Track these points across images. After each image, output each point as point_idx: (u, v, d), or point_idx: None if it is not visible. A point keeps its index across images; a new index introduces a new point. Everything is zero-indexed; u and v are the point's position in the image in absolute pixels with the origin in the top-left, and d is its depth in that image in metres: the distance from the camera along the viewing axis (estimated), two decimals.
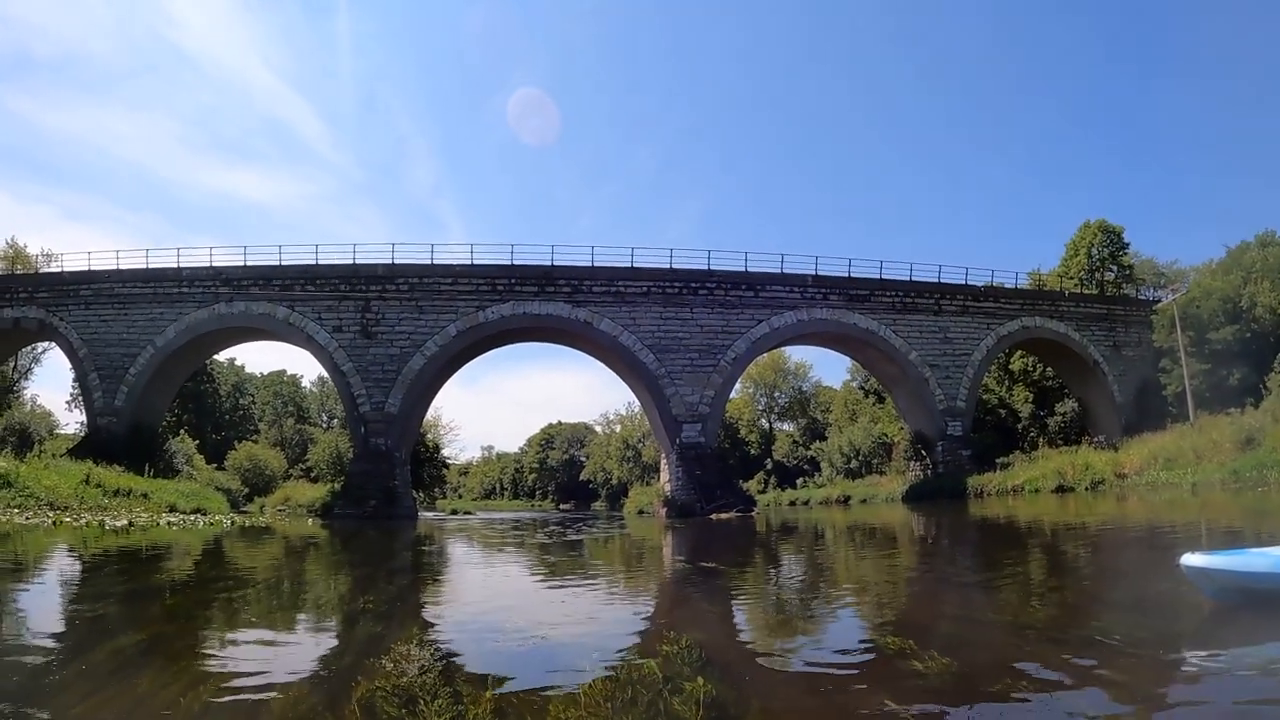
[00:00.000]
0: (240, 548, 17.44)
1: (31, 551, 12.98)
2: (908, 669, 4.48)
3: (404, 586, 10.11)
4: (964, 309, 45.04)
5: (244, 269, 40.34)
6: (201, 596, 8.52)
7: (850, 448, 52.10)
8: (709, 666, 4.52)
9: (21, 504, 22.29)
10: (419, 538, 23.46)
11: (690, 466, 38.78)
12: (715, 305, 40.83)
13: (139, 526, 20.99)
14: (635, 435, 76.59)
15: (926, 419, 44.37)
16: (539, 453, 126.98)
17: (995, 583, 9.09)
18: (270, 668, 4.87)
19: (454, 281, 39.44)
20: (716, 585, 10.07)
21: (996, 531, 18.04)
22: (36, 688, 4.11)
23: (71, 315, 41.58)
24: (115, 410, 40.14)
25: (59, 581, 9.83)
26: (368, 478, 37.32)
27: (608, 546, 18.86)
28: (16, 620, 6.84)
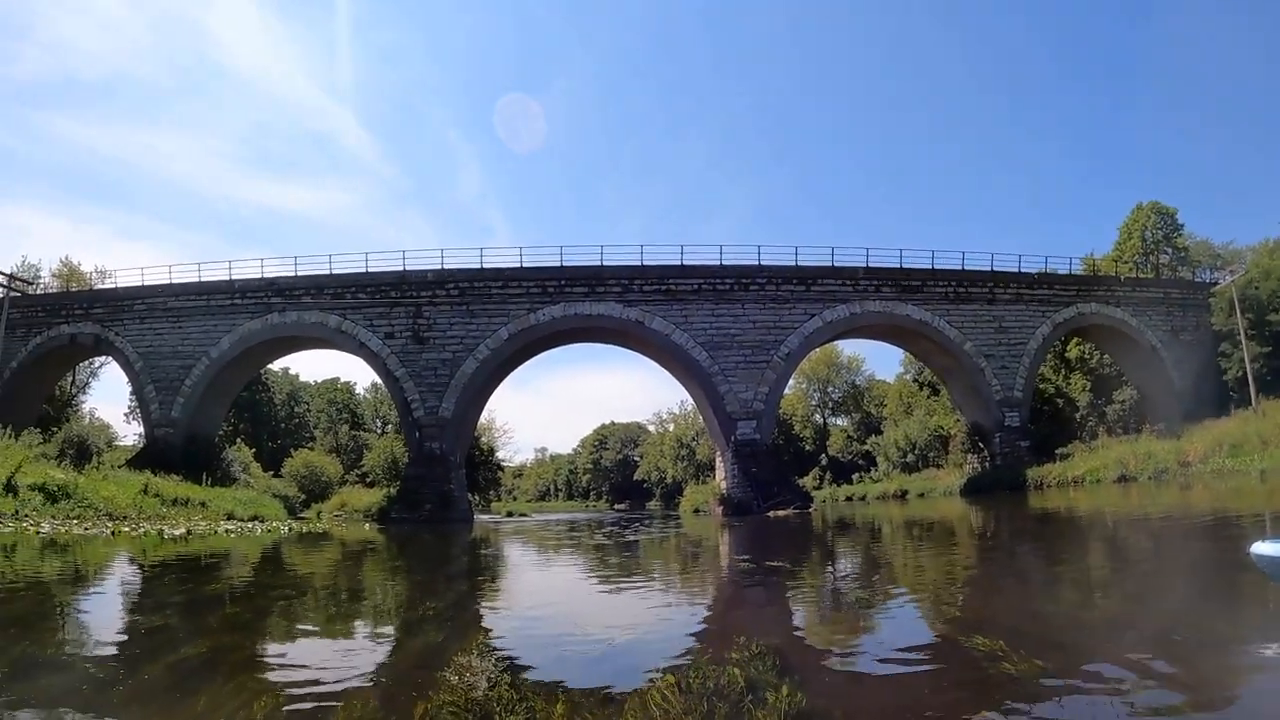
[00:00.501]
0: (298, 554, 17.18)
1: (91, 561, 12.68)
2: (997, 673, 4.17)
3: (463, 591, 9.72)
4: (1018, 297, 43.65)
5: (295, 279, 40.37)
6: (260, 605, 8.29)
7: (906, 441, 50.77)
8: (787, 672, 4.23)
9: (80, 515, 22.03)
10: (476, 541, 23.08)
11: (746, 464, 37.93)
12: (767, 300, 39.98)
13: (197, 535, 20.83)
14: (689, 434, 75.41)
15: (983, 410, 43.05)
16: (592, 453, 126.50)
17: (1060, 576, 8.69)
18: (331, 678, 4.61)
19: (504, 285, 39.07)
20: (782, 584, 9.60)
21: (1059, 524, 17.30)
22: (102, 700, 3.90)
23: (127, 330, 42.00)
24: (172, 421, 40.34)
25: (119, 591, 9.65)
26: (423, 482, 37.05)
27: (666, 546, 18.33)
28: (79, 630, 6.64)
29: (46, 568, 11.44)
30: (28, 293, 45.97)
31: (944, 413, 51.95)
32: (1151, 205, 53.52)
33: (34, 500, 21.50)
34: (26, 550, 13.44)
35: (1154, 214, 53.08)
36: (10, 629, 6.22)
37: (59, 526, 19.25)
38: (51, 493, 22.53)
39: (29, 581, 9.70)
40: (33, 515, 20.16)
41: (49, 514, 20.98)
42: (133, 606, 8.14)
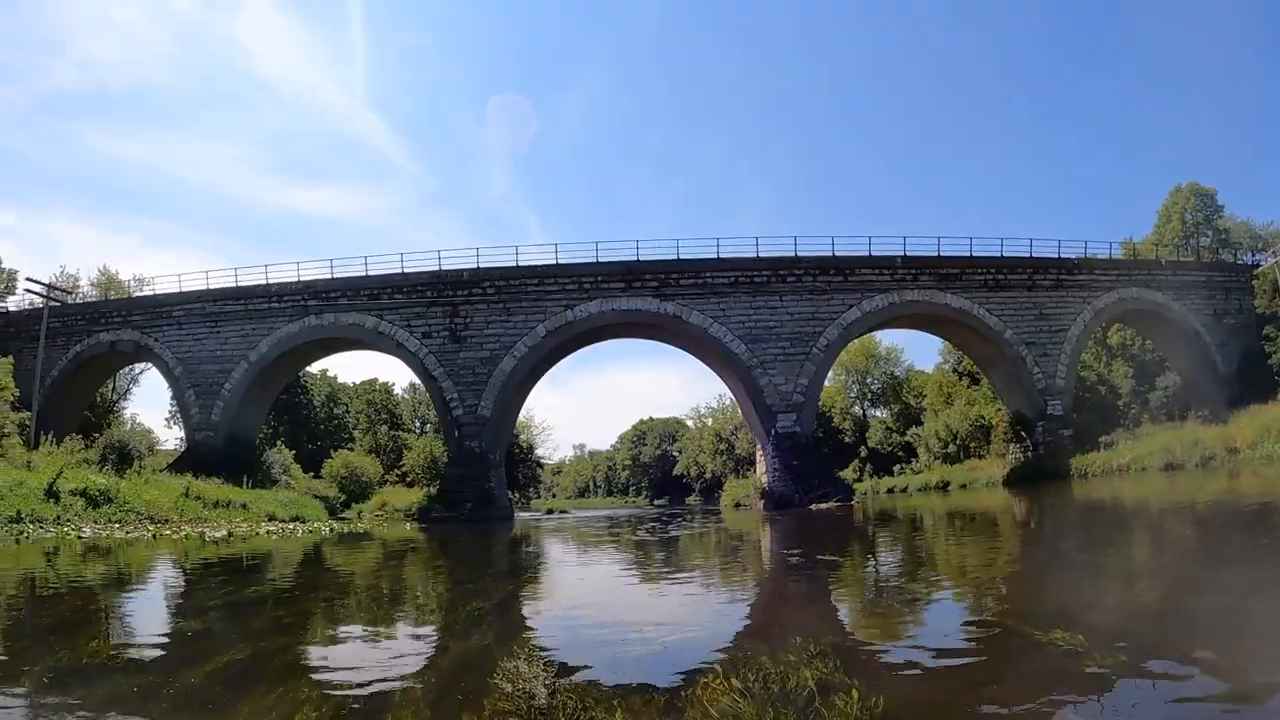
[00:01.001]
0: (340, 554, 17.01)
1: (133, 565, 12.58)
2: (1075, 669, 3.89)
3: (508, 591, 9.36)
4: (1058, 283, 42.35)
5: (331, 281, 40.28)
6: (303, 607, 8.02)
7: (947, 432, 49.59)
8: (854, 672, 3.94)
9: (122, 519, 22.04)
10: (517, 538, 22.81)
11: (787, 457, 37.15)
12: (804, 292, 39.13)
13: (238, 536, 20.80)
14: (727, 428, 74.33)
15: (1024, 399, 41.93)
16: (631, 449, 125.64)
17: (1110, 566, 8.26)
18: (377, 684, 4.38)
19: (540, 282, 38.62)
20: (834, 578, 9.27)
21: (1105, 513, 16.68)
22: (147, 706, 3.79)
23: (166, 335, 42.06)
24: (212, 425, 40.36)
25: (161, 594, 9.51)
26: (463, 480, 36.79)
27: (709, 542, 17.90)
28: (123, 634, 6.47)
29: (89, 571, 11.21)
30: (67, 302, 45.92)
31: (985, 402, 50.82)
32: (1190, 187, 51.78)
33: (75, 505, 21.43)
34: (69, 555, 13.27)
35: (1193, 195, 51.35)
36: (53, 634, 6.06)
37: (100, 531, 19.25)
38: (93, 498, 22.40)
39: (71, 586, 9.52)
40: (74, 520, 20.09)
41: (90, 519, 20.93)
42: (175, 610, 7.98)
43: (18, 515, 18.53)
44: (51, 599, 8.21)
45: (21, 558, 12.80)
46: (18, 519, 18.38)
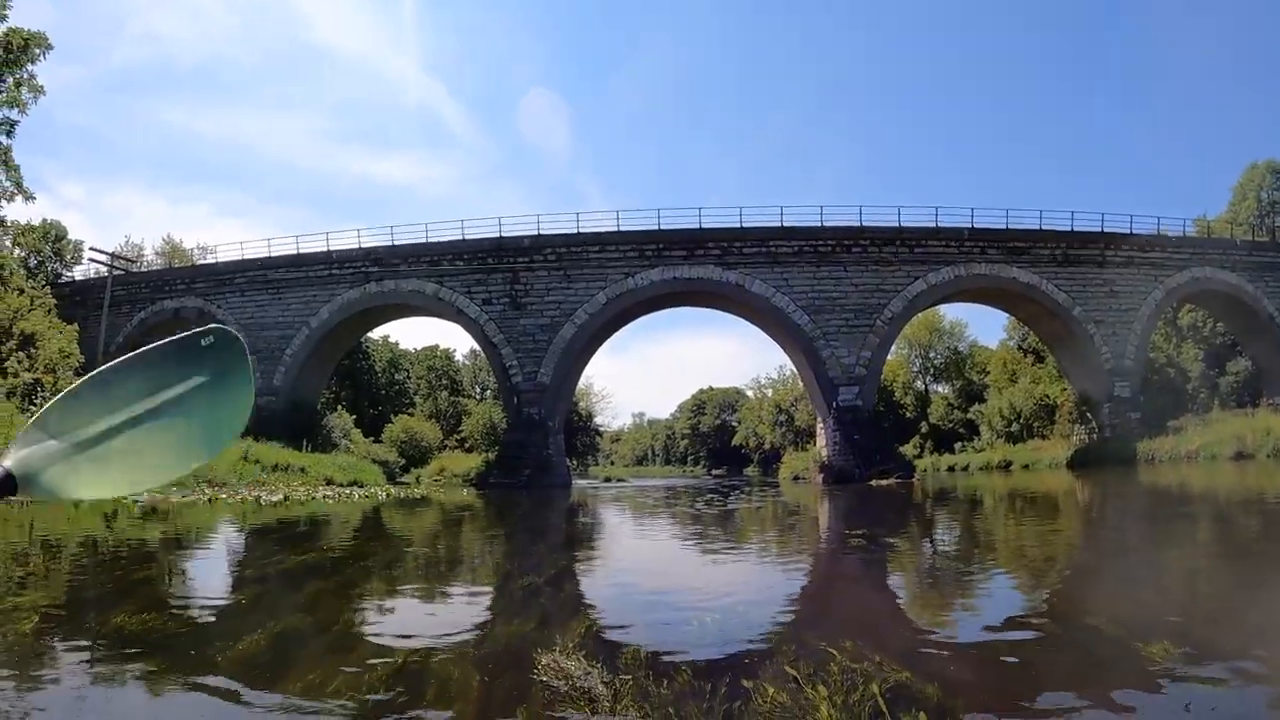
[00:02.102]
0: (398, 518, 16.46)
1: (191, 528, 12.09)
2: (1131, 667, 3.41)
3: (565, 561, 8.71)
4: (1129, 260, 39.82)
5: (392, 248, 39.70)
6: (359, 574, 7.53)
7: (1010, 410, 47.07)
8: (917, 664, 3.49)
9: (181, 482, 20.80)
10: (575, 506, 22.08)
11: (848, 431, 35.76)
12: (869, 262, 37.46)
13: (295, 500, 20.28)
14: (787, 399, 72.01)
15: (1092, 379, 39.77)
16: (690, 419, 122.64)
17: (1175, 558, 7.61)
18: (431, 656, 3.89)
19: (601, 249, 37.48)
20: (899, 561, 8.46)
21: (1172, 501, 15.36)
22: (205, 671, 3.50)
23: (228, 302, 41.87)
24: (274, 390, 39.93)
25: (218, 558, 9.07)
26: (521, 447, 36.06)
27: (773, 516, 16.76)
28: (179, 599, 5.94)
29: (147, 535, 10.80)
30: (131, 270, 46.29)
31: (1050, 381, 48.62)
32: (1267, 164, 48.58)
33: None
34: (126, 518, 12.84)
35: (1269, 173, 48.13)
36: (112, 596, 5.78)
37: (158, 494, 18.31)
38: None
39: (130, 549, 9.13)
40: None
41: None
42: (232, 574, 7.63)
43: None
44: (110, 562, 7.87)
45: (80, 521, 12.16)
46: None
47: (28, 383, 25.05)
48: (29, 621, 4.57)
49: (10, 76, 25.76)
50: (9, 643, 4.10)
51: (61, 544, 9.34)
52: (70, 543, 9.53)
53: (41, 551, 8.49)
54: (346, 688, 3.24)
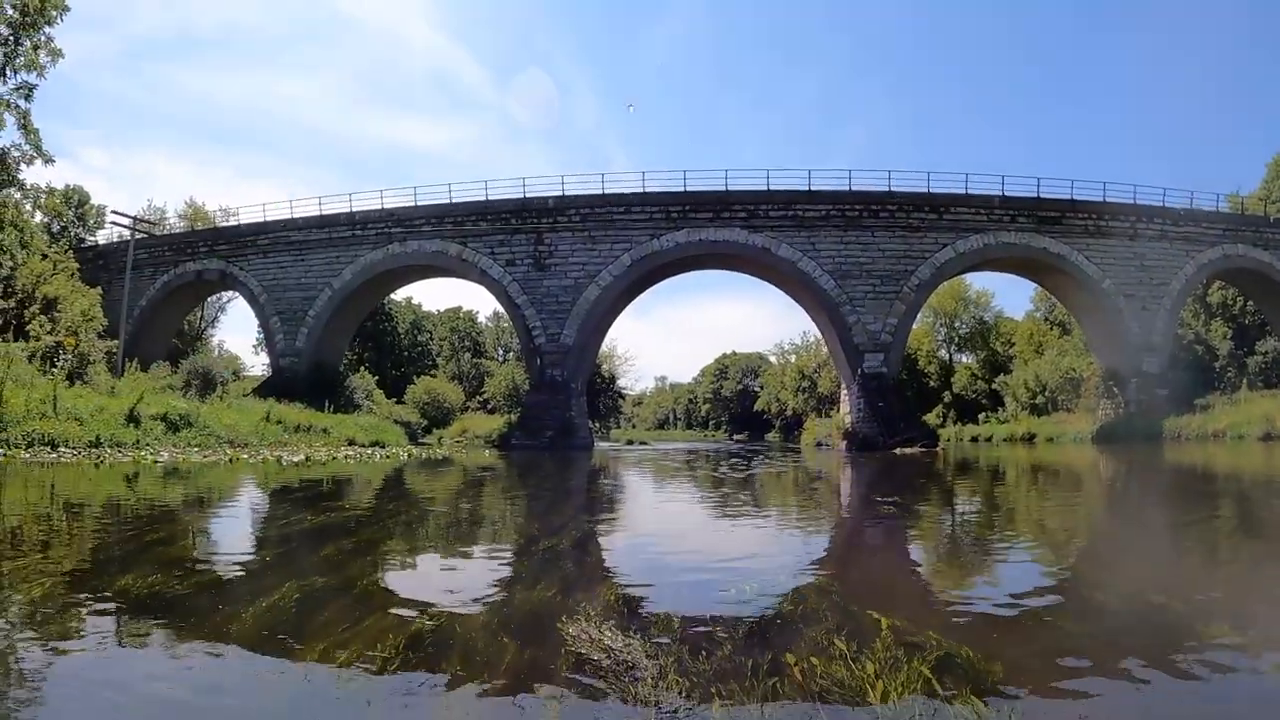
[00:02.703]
0: (420, 479, 16.07)
1: (212, 489, 11.78)
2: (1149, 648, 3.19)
3: (595, 522, 8.61)
4: (1161, 234, 38.57)
5: (415, 209, 38.96)
6: (380, 534, 7.27)
7: (1036, 382, 45.86)
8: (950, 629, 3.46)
9: (201, 443, 21.34)
10: (598, 468, 21.56)
11: (872, 398, 34.97)
12: (897, 228, 36.46)
13: (316, 461, 19.95)
14: (810, 365, 70.93)
15: (1120, 353, 38.64)
16: (713, 383, 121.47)
17: (1194, 537, 7.10)
18: (453, 620, 3.74)
19: (626, 210, 36.66)
20: (930, 531, 8.18)
21: (1197, 480, 14.70)
22: (229, 632, 3.43)
23: (251, 264, 41.41)
24: (297, 351, 39.76)
25: (240, 519, 8.82)
26: (544, 409, 35.55)
27: (795, 482, 16.41)
28: (203, 557, 5.86)
29: (169, 495, 10.57)
30: (153, 234, 45.55)
31: (1076, 354, 47.60)
32: None
33: (155, 430, 20.79)
34: (148, 478, 12.54)
35: None
36: (131, 557, 5.48)
37: (177, 454, 18.46)
38: (173, 422, 21.79)
39: (152, 509, 8.90)
40: (153, 444, 19.41)
41: (169, 442, 20.25)
42: (254, 534, 7.50)
43: (97, 440, 17.98)
44: (132, 522, 7.64)
45: (101, 482, 12.02)
46: (97, 444, 17.82)
47: (49, 345, 24.79)
48: (53, 582, 4.54)
49: (28, 40, 25.30)
50: (34, 602, 4.05)
51: (83, 505, 9.21)
52: (92, 504, 9.36)
53: (64, 512, 8.32)
54: (369, 651, 3.12)
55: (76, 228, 48.88)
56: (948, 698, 2.57)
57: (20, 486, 10.72)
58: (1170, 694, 2.72)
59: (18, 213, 27.13)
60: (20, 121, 25.46)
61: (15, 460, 14.21)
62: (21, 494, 10.01)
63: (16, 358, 20.73)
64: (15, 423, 16.61)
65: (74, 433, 17.58)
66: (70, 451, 16.35)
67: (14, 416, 16.79)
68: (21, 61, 25.09)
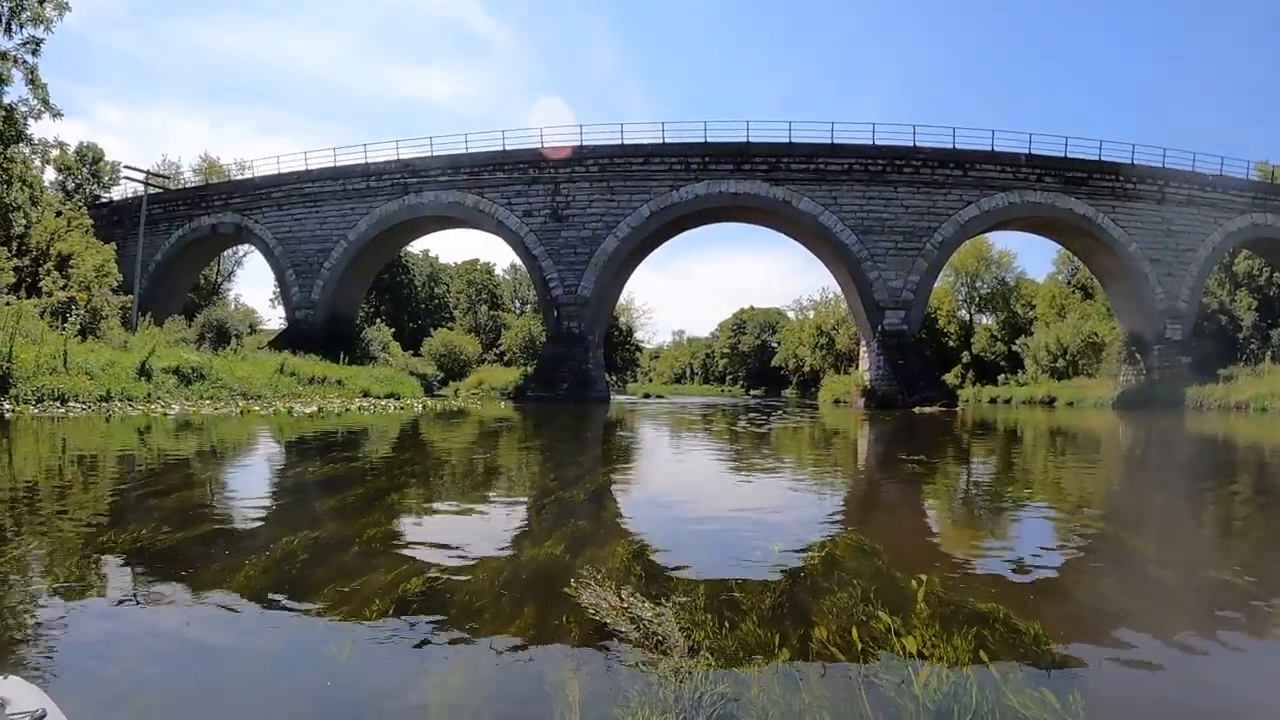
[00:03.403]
0: (436, 431, 15.91)
1: (227, 440, 11.59)
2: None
3: (602, 481, 7.85)
4: (1189, 199, 37.29)
5: (431, 159, 38.03)
6: (390, 488, 6.92)
7: (1057, 345, 44.77)
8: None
9: (214, 395, 21.07)
10: (615, 421, 21.27)
11: (893, 356, 34.30)
12: (920, 184, 35.33)
13: (329, 412, 19.75)
14: (829, 322, 69.99)
15: (1144, 319, 37.68)
16: (730, 338, 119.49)
17: (1210, 512, 6.74)
18: (465, 577, 3.67)
19: (645, 161, 35.63)
20: (967, 491, 7.93)
21: (1219, 451, 14.13)
22: (243, 582, 3.43)
23: (265, 217, 40.67)
24: (312, 303, 39.16)
25: (253, 469, 8.81)
26: (560, 360, 35.00)
27: (817, 439, 16.04)
28: (219, 505, 6.01)
29: (182, 447, 10.43)
30: (167, 188, 44.66)
31: (1098, 319, 46.66)
32: None
33: (167, 383, 20.46)
34: (160, 432, 12.32)
35: None
36: (145, 509, 5.42)
37: (188, 407, 18.26)
38: (185, 375, 21.46)
39: (163, 462, 8.65)
40: (165, 398, 19.09)
41: (182, 396, 19.94)
42: (267, 485, 7.45)
43: (108, 394, 17.55)
44: (145, 474, 7.51)
45: (113, 435, 11.75)
46: (107, 398, 17.41)
47: (61, 301, 24.37)
48: (68, 533, 4.56)
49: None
50: (50, 553, 4.05)
51: (96, 458, 9.06)
52: (105, 457, 9.22)
53: (77, 465, 8.24)
54: (378, 604, 3.10)
55: (91, 184, 48.20)
56: (991, 660, 2.52)
57: (31, 441, 10.50)
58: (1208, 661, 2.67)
59: (26, 168, 26.49)
60: (28, 76, 24.70)
61: (25, 415, 13.87)
62: (34, 448, 9.81)
63: (28, 313, 20.22)
64: (25, 378, 16.20)
65: (84, 387, 17.19)
66: (80, 406, 16.00)
67: (24, 372, 16.38)
68: (28, 15, 24.14)
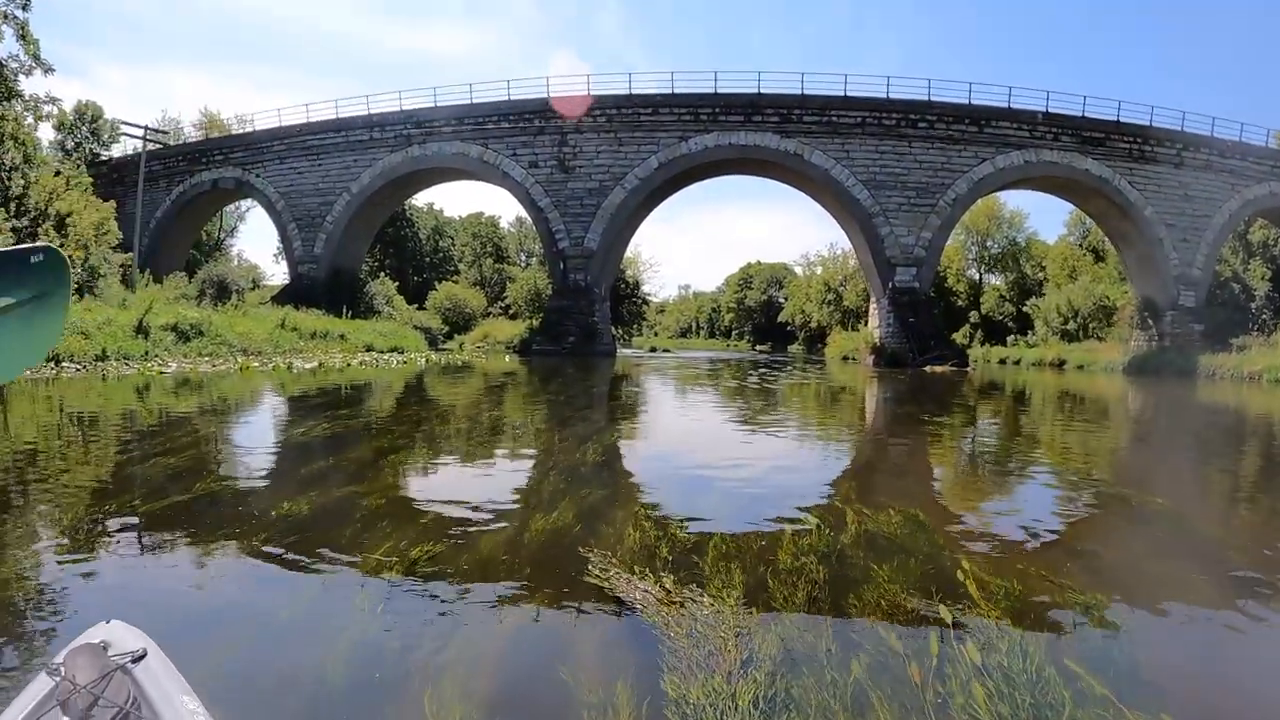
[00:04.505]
0: (441, 385, 15.69)
1: (227, 397, 11.27)
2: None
3: (615, 435, 7.95)
4: (1208, 165, 36.25)
5: (435, 109, 36.83)
6: (395, 445, 6.85)
7: (1068, 307, 43.59)
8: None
9: (213, 352, 20.59)
10: (621, 376, 20.94)
11: (904, 313, 33.50)
12: (935, 140, 34.21)
13: (331, 367, 19.52)
14: (837, 278, 68.75)
15: (1157, 284, 36.77)
16: (737, 292, 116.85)
17: (1215, 479, 6.87)
18: (479, 537, 3.73)
19: (654, 112, 34.45)
20: (999, 455, 7.80)
21: (1230, 420, 13.74)
22: (249, 537, 3.50)
23: (267, 171, 39.68)
24: (315, 257, 38.32)
25: (250, 426, 8.63)
26: (566, 313, 34.29)
27: (835, 398, 15.79)
28: (222, 461, 5.99)
29: (181, 405, 10.15)
30: (166, 144, 43.64)
31: (1109, 282, 45.52)
32: None
33: (165, 340, 19.85)
34: (159, 391, 12.04)
35: None
36: (147, 467, 5.43)
37: (185, 365, 17.82)
38: (183, 332, 20.78)
39: (162, 421, 8.53)
40: (162, 356, 18.61)
41: (180, 353, 19.49)
42: (264, 443, 7.37)
43: (103, 353, 16.97)
44: (145, 433, 7.39)
45: (111, 394, 11.38)
46: (103, 357, 16.87)
47: None
48: (72, 492, 4.49)
49: None
50: (56, 512, 4.01)
51: (96, 417, 8.91)
52: (104, 416, 9.08)
53: (76, 425, 8.12)
54: (387, 559, 3.10)
55: (91, 143, 46.47)
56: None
57: (27, 403, 10.14)
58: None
59: (18, 125, 25.50)
60: (19, 32, 23.74)
61: (18, 378, 13.32)
62: (30, 409, 9.54)
63: None
64: None
65: (79, 347, 16.59)
66: (74, 366, 15.43)
67: None
68: None
